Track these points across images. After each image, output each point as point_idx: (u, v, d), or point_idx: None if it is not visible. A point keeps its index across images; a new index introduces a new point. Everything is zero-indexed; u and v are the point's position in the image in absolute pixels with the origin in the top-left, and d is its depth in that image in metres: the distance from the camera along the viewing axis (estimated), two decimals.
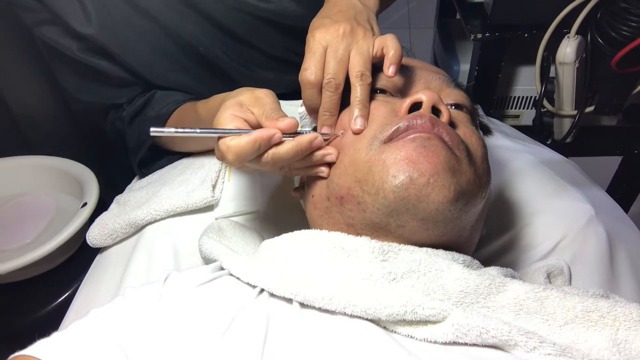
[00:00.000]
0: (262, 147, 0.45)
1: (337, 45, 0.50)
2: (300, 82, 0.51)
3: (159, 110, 0.73)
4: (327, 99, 0.50)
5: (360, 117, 0.49)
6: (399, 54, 0.50)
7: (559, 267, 0.57)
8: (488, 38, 0.91)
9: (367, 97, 0.49)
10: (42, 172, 0.98)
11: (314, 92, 0.51)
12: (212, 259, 0.54)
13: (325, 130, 0.51)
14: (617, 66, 0.78)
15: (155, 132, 0.44)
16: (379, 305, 0.40)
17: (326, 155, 0.49)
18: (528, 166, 0.71)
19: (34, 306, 0.86)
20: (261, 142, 0.44)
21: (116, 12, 0.69)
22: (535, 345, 0.38)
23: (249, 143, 0.44)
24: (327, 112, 0.51)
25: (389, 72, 0.49)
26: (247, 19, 0.72)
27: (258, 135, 0.44)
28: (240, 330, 0.40)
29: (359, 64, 0.50)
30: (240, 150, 0.44)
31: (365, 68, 0.50)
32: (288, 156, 0.46)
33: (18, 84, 1.02)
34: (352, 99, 0.49)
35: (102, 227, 0.68)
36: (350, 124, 0.49)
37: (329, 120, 0.51)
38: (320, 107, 0.51)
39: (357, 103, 0.49)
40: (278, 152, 0.46)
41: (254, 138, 0.44)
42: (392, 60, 0.49)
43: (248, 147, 0.44)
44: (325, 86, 0.50)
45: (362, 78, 0.49)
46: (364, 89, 0.49)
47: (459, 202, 0.43)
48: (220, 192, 0.68)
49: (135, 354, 0.40)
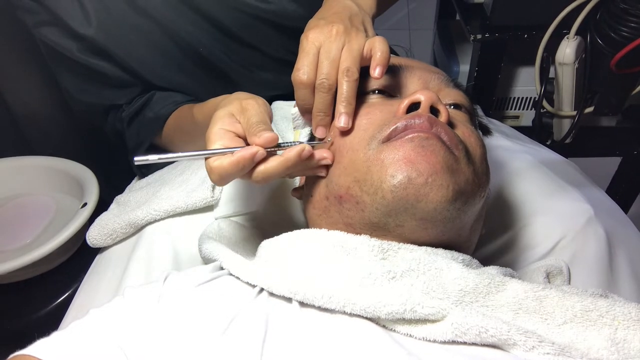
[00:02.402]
0: (245, 166, 0.44)
1: (330, 46, 0.50)
2: (293, 82, 0.51)
3: (158, 112, 0.73)
4: (320, 99, 0.50)
5: (344, 115, 0.48)
6: (386, 56, 0.50)
7: (558, 267, 0.57)
8: (488, 39, 0.91)
9: (352, 94, 0.49)
10: (42, 173, 0.98)
11: (307, 93, 0.50)
12: (212, 259, 0.54)
13: (321, 131, 0.51)
14: (616, 67, 0.78)
15: (140, 161, 0.44)
16: (379, 303, 0.40)
17: (321, 160, 0.48)
18: (527, 166, 0.71)
19: (34, 306, 0.86)
20: (244, 162, 0.44)
21: (116, 13, 0.69)
22: (534, 345, 0.38)
23: (232, 165, 0.44)
24: (321, 112, 0.50)
25: (375, 74, 0.49)
26: (247, 20, 0.73)
27: (240, 156, 0.44)
28: (239, 330, 0.41)
29: (346, 61, 0.49)
30: (223, 172, 0.44)
31: (352, 64, 0.49)
32: (278, 171, 0.46)
33: (18, 84, 1.02)
34: (337, 96, 0.49)
35: (102, 227, 0.68)
36: (335, 122, 0.49)
37: (323, 120, 0.51)
38: (314, 107, 0.51)
39: (342, 100, 0.49)
40: (267, 169, 0.45)
41: (237, 159, 0.44)
42: (378, 62, 0.49)
43: (230, 168, 0.44)
44: (318, 87, 0.50)
45: (348, 74, 0.49)
46: (350, 85, 0.49)
47: (458, 201, 0.43)
48: (219, 193, 0.68)
49: (134, 353, 0.40)
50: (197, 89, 0.76)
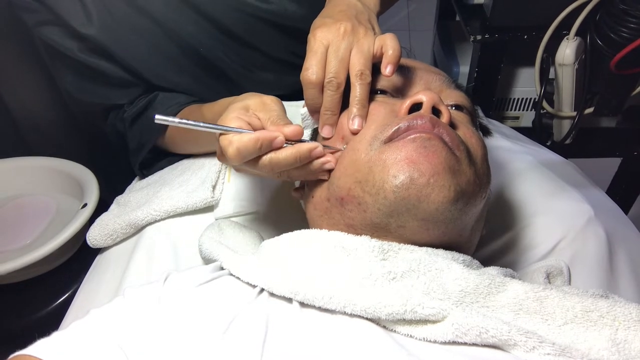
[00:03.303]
0: (263, 147, 0.45)
1: (339, 44, 0.50)
2: (302, 81, 0.51)
3: (161, 113, 0.73)
4: (328, 97, 0.50)
5: (358, 117, 0.49)
6: (398, 54, 0.50)
7: (559, 268, 0.57)
8: (488, 40, 0.91)
9: (366, 96, 0.50)
10: (42, 173, 0.98)
11: (315, 92, 0.51)
12: (212, 259, 0.54)
13: (327, 130, 0.51)
14: (616, 67, 0.78)
15: (160, 120, 0.44)
16: (379, 304, 0.40)
17: (325, 163, 0.48)
18: (528, 167, 0.71)
19: (34, 307, 0.86)
20: (263, 141, 0.44)
21: (117, 13, 0.69)
22: (535, 345, 0.38)
23: (252, 141, 0.44)
24: (329, 111, 0.51)
25: (386, 72, 0.50)
26: (248, 20, 0.73)
27: (261, 135, 0.44)
28: (240, 330, 0.41)
29: (359, 63, 0.50)
30: (242, 146, 0.44)
31: (365, 67, 0.50)
32: (286, 162, 0.46)
33: (17, 86, 1.02)
34: (351, 98, 0.49)
35: (102, 228, 0.68)
36: (348, 124, 0.49)
37: (330, 119, 0.51)
38: (322, 106, 0.51)
39: (356, 103, 0.49)
40: (277, 157, 0.46)
41: (257, 136, 0.44)
42: (389, 60, 0.50)
43: (250, 144, 0.44)
44: (326, 85, 0.50)
45: (362, 77, 0.49)
46: (364, 89, 0.49)
47: (459, 202, 0.43)
48: (220, 193, 0.68)
49: (135, 353, 0.40)
50: (197, 89, 0.76)
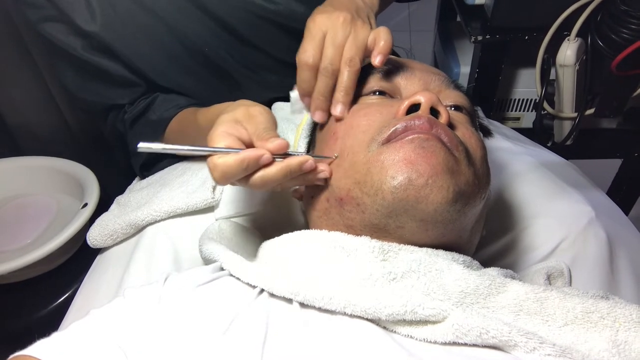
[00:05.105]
0: (249, 167, 0.44)
1: (336, 32, 0.51)
2: (298, 63, 0.51)
3: (161, 115, 0.73)
4: (322, 83, 0.51)
5: (341, 104, 0.49)
6: (389, 45, 0.51)
7: (559, 269, 0.57)
8: (488, 40, 0.91)
9: (351, 84, 0.50)
10: (43, 173, 0.98)
11: (310, 75, 0.51)
12: (212, 260, 0.54)
13: (318, 115, 0.52)
14: (617, 69, 0.78)
15: (144, 147, 0.42)
16: (379, 305, 0.40)
17: (320, 173, 0.48)
18: (528, 168, 0.71)
19: (34, 306, 0.86)
20: (249, 161, 0.44)
21: (121, 10, 0.69)
22: (535, 346, 0.38)
23: (236, 162, 0.43)
24: (322, 96, 0.51)
25: (376, 62, 0.50)
26: (253, 20, 0.72)
27: (246, 155, 0.43)
28: (240, 331, 0.40)
29: (350, 50, 0.50)
30: (227, 169, 0.43)
31: (356, 55, 0.50)
32: (277, 178, 0.45)
33: (19, 86, 1.02)
34: (337, 83, 0.50)
35: (103, 228, 0.68)
36: (331, 109, 0.50)
37: (323, 104, 0.51)
38: (315, 90, 0.51)
39: (341, 89, 0.50)
40: (267, 174, 0.45)
41: (242, 157, 0.43)
42: (380, 50, 0.50)
43: (235, 166, 0.43)
44: (321, 71, 0.51)
45: (351, 64, 0.50)
46: (351, 75, 0.50)
47: (458, 203, 0.43)
48: (220, 194, 0.68)
49: (135, 354, 0.40)
50: (200, 89, 0.76)
